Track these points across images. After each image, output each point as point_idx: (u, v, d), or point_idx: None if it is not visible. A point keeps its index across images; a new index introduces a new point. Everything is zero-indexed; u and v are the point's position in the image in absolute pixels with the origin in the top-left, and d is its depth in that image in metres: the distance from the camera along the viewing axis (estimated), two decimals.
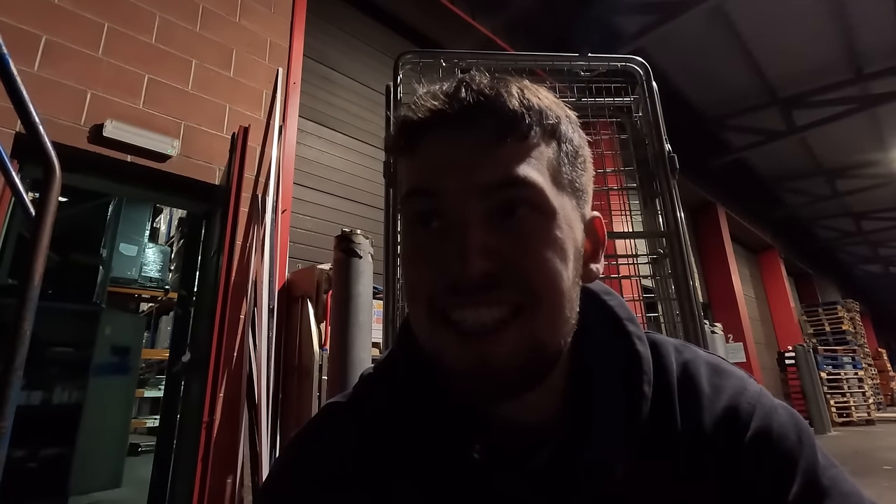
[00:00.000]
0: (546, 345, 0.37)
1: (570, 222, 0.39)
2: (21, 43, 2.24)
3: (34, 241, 1.05)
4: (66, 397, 3.42)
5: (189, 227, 3.33)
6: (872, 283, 17.91)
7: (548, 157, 0.39)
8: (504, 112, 0.37)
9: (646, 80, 1.61)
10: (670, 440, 0.40)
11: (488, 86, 0.39)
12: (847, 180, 9.62)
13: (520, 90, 0.39)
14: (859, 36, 6.00)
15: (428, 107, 0.39)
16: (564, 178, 0.40)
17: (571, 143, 0.42)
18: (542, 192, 0.37)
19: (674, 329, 1.44)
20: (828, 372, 8.73)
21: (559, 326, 0.38)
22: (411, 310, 0.41)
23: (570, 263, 0.38)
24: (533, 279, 0.36)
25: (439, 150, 0.38)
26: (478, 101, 0.38)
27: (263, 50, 3.22)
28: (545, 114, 0.39)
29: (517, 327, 0.36)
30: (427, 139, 0.39)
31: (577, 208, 0.41)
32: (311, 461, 0.44)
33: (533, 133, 0.38)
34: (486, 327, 0.35)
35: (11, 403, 0.89)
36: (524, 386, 0.37)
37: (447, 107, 0.38)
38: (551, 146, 0.40)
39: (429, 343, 0.39)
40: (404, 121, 0.41)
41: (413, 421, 0.42)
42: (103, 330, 3.60)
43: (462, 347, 0.36)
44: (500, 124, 0.37)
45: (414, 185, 0.40)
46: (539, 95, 0.41)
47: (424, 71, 1.61)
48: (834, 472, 0.39)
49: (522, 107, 0.38)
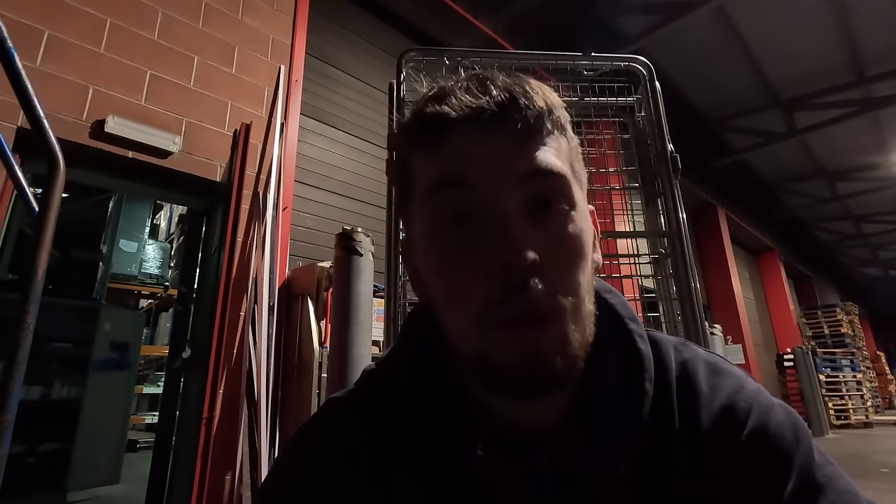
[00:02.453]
0: (580, 338, 0.38)
1: (586, 214, 0.41)
2: (24, 38, 2.24)
3: (37, 236, 1.05)
4: (64, 393, 3.42)
5: (190, 224, 3.33)
6: (872, 286, 17.93)
7: (566, 151, 0.41)
8: (533, 109, 0.39)
9: (649, 79, 1.61)
10: (668, 438, 0.40)
11: (514, 83, 0.40)
12: (848, 183, 9.62)
13: (539, 88, 0.41)
14: (861, 39, 6.00)
15: (454, 104, 0.39)
16: (576, 171, 0.42)
17: (573, 137, 0.44)
18: (569, 184, 0.39)
19: (675, 329, 1.44)
20: (826, 374, 8.74)
21: (588, 316, 0.39)
22: (452, 317, 0.40)
23: (590, 257, 0.40)
24: (569, 275, 0.38)
25: (469, 143, 0.38)
26: (508, 98, 0.39)
27: (266, 47, 3.21)
28: (559, 111, 0.41)
29: (560, 320, 0.36)
30: (453, 135, 0.39)
31: (585, 200, 0.43)
32: (313, 457, 0.44)
33: (555, 129, 0.40)
34: (537, 313, 0.36)
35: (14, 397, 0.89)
36: (563, 381, 0.37)
37: (476, 105, 0.38)
38: (564, 141, 0.41)
39: (476, 347, 0.38)
40: (422, 118, 0.41)
41: (417, 417, 0.42)
42: (103, 326, 3.60)
43: (515, 341, 0.36)
44: (529, 121, 0.39)
45: (443, 177, 0.39)
46: (549, 94, 0.42)
47: (427, 69, 1.60)
48: (830, 470, 0.39)
49: (546, 104, 0.40)
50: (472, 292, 0.37)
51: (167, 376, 3.05)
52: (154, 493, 2.58)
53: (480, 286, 0.36)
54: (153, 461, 2.66)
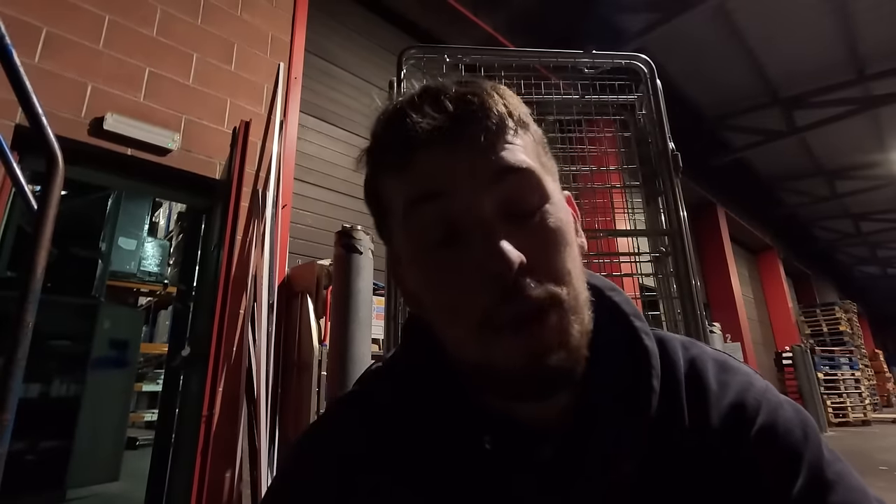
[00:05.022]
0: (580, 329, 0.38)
1: (562, 203, 0.42)
2: (22, 34, 2.23)
3: (36, 234, 1.04)
4: (64, 390, 3.42)
5: (189, 222, 3.32)
6: (870, 285, 17.96)
7: (531, 146, 0.42)
8: (492, 113, 0.39)
9: (650, 77, 1.60)
10: (678, 436, 0.40)
11: (468, 92, 0.40)
12: (847, 181, 9.63)
13: (492, 89, 0.41)
14: (861, 37, 5.99)
15: (416, 122, 0.39)
16: (544, 162, 0.43)
17: (537, 130, 0.44)
18: (539, 178, 0.40)
19: (675, 327, 1.44)
20: (825, 372, 8.76)
21: (584, 303, 0.40)
22: (450, 331, 0.40)
23: (574, 244, 0.41)
24: (557, 268, 0.38)
25: (437, 160, 0.39)
26: (467, 107, 0.39)
27: (265, 44, 3.20)
28: (516, 108, 0.42)
29: (558, 307, 0.37)
30: (420, 153, 0.39)
31: (558, 189, 0.43)
32: (319, 458, 0.44)
33: (516, 127, 0.41)
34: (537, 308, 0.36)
35: (14, 395, 0.89)
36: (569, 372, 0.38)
37: (438, 120, 0.39)
38: (528, 136, 0.42)
39: (477, 355, 0.38)
40: (388, 138, 0.42)
41: (421, 416, 0.42)
42: (102, 323, 3.60)
43: (522, 341, 0.36)
44: (489, 128, 0.39)
45: (417, 194, 0.39)
46: (504, 92, 0.42)
47: (427, 66, 1.60)
48: (840, 467, 0.39)
49: (503, 105, 0.40)
50: (467, 305, 0.37)
51: (167, 374, 3.05)
52: (153, 491, 2.57)
53: (475, 298, 0.37)
54: (153, 459, 2.66)
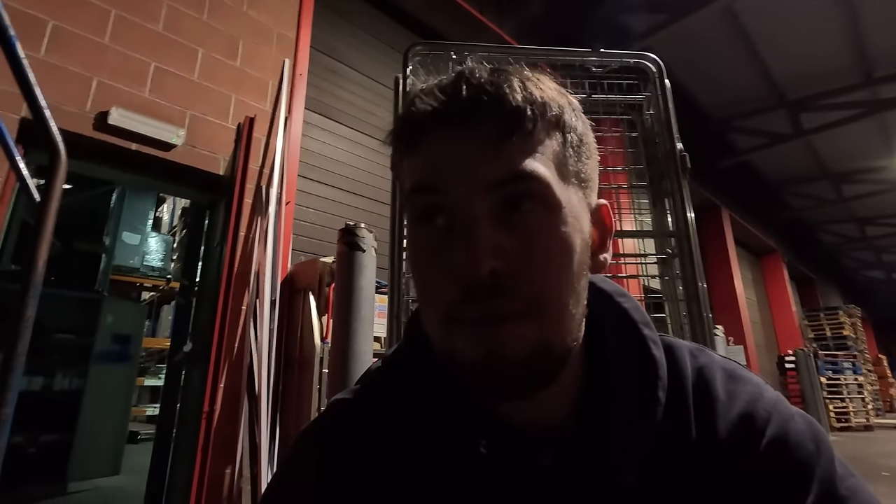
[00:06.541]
0: (553, 342, 0.36)
1: (577, 214, 0.39)
2: (28, 28, 2.23)
3: (39, 227, 1.04)
4: (66, 384, 3.43)
5: (192, 217, 3.32)
6: (875, 289, 17.86)
7: (553, 149, 0.38)
8: (507, 108, 0.36)
9: (658, 77, 1.59)
10: (684, 447, 0.39)
11: (489, 81, 0.37)
12: (853, 185, 9.56)
13: (521, 83, 0.38)
14: (869, 40, 5.95)
15: (428, 105, 0.38)
16: (570, 169, 0.39)
17: (575, 132, 0.40)
18: (548, 185, 0.37)
19: (681, 330, 1.42)
20: (828, 377, 8.73)
21: (566, 323, 0.37)
22: (425, 314, 0.41)
23: (576, 258, 0.38)
24: (540, 278, 0.36)
25: (443, 147, 0.37)
26: (479, 98, 0.36)
27: (270, 40, 3.20)
28: (548, 105, 0.38)
29: (524, 322, 0.35)
30: (429, 137, 0.38)
31: (583, 199, 0.40)
32: (317, 458, 0.44)
33: (537, 126, 0.37)
34: (494, 318, 0.35)
35: (13, 390, 0.88)
36: (532, 383, 0.36)
37: (447, 106, 0.37)
38: (555, 138, 0.39)
39: (442, 344, 0.38)
40: (404, 119, 0.40)
41: (419, 416, 0.41)
42: (105, 318, 3.61)
43: (472, 339, 0.35)
44: (503, 121, 0.36)
45: (418, 183, 0.39)
46: (541, 86, 0.39)
47: (434, 63, 1.59)
48: (853, 483, 0.38)
49: (525, 101, 0.37)
50: (439, 293, 0.37)
51: (168, 369, 3.05)
52: (154, 485, 2.58)
53: (446, 288, 0.36)
54: (154, 453, 2.67)
